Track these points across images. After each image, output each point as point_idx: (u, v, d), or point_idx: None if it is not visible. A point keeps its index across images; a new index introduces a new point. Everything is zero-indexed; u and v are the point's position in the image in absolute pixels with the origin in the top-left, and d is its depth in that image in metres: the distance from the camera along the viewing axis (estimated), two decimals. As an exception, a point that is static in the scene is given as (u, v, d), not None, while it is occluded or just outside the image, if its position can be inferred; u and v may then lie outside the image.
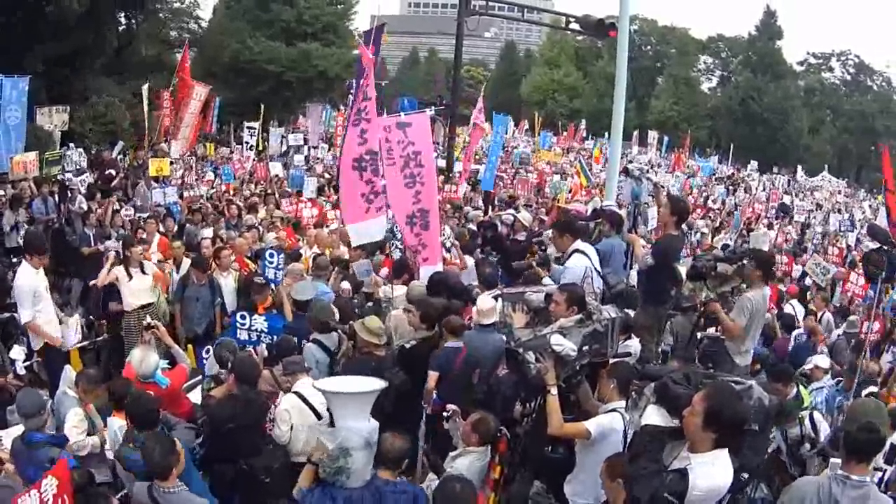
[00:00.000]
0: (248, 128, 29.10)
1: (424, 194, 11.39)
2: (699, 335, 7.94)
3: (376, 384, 5.74)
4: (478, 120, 25.73)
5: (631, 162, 19.58)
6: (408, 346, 8.98)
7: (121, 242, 12.53)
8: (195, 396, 8.48)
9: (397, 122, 11.38)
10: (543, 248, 11.83)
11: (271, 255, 11.19)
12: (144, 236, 13.96)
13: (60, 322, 10.63)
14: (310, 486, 5.70)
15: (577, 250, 9.48)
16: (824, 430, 8.59)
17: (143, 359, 8.10)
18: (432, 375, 8.66)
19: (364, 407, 5.59)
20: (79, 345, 11.12)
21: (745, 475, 5.20)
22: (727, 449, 4.69)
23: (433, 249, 11.71)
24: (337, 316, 9.64)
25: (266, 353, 8.96)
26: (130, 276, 11.41)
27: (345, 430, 5.46)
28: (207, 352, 10.22)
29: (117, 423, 7.34)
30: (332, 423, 5.64)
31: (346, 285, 11.14)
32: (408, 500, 5.67)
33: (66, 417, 7.42)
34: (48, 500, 5.18)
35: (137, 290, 11.28)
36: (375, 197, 10.96)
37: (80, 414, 7.55)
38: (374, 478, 5.57)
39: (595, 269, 9.24)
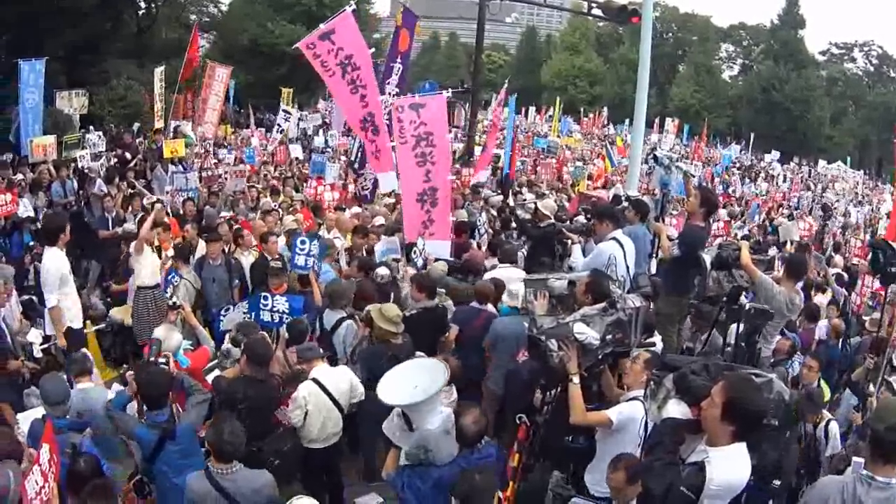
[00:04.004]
0: (284, 111, 28.99)
1: (435, 173, 11.82)
2: (747, 305, 7.79)
3: (440, 378, 5.96)
4: (496, 116, 25.59)
5: (654, 149, 19.43)
6: (409, 314, 9.34)
7: (137, 221, 12.54)
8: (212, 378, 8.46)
9: (410, 104, 11.78)
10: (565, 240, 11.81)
11: (303, 242, 10.80)
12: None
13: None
14: (396, 469, 5.97)
15: (613, 238, 9.51)
16: (833, 445, 8.49)
17: (165, 336, 8.11)
18: (453, 329, 9.55)
19: (436, 403, 5.85)
20: (96, 328, 11.13)
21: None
22: (745, 443, 4.62)
23: (442, 225, 12.12)
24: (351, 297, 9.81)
25: (287, 334, 8.95)
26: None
27: (420, 431, 5.75)
28: (227, 311, 10.34)
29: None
30: (408, 427, 5.86)
31: (383, 271, 11.05)
32: (492, 462, 5.94)
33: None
34: (46, 468, 5.20)
35: (151, 268, 11.27)
36: (379, 153, 11.75)
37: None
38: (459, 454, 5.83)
39: (626, 261, 9.21)
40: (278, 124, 28.44)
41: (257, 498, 5.97)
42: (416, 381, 5.91)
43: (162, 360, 7.22)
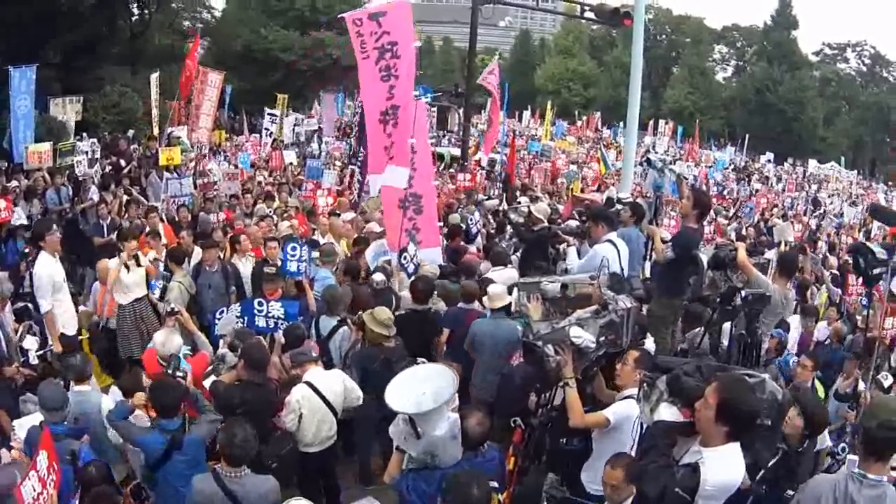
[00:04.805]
0: (270, 114, 28.99)
1: (416, 179, 11.71)
2: (744, 292, 7.81)
3: (448, 385, 5.96)
4: (491, 85, 25.65)
5: (648, 152, 19.52)
6: (397, 314, 9.42)
7: (115, 235, 12.56)
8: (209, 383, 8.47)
9: None
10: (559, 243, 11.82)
11: (293, 248, 10.80)
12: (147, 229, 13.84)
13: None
14: (399, 471, 5.99)
15: (608, 240, 9.55)
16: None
17: (165, 341, 8.17)
18: (445, 331, 9.77)
19: (444, 412, 5.82)
20: (90, 335, 11.11)
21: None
22: (739, 443, 4.62)
23: (429, 233, 12.15)
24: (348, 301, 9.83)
25: (283, 339, 8.95)
26: (128, 269, 11.21)
27: (427, 437, 5.70)
28: (222, 313, 10.28)
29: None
30: (415, 433, 5.78)
31: (379, 276, 10.98)
32: (494, 465, 6.03)
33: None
34: (44, 474, 5.20)
35: (132, 283, 11.19)
36: (391, 148, 11.39)
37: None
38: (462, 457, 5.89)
39: (621, 263, 9.23)
40: (266, 128, 28.51)
41: (262, 503, 6.01)
42: (423, 388, 5.88)
43: (180, 373, 7.28)
